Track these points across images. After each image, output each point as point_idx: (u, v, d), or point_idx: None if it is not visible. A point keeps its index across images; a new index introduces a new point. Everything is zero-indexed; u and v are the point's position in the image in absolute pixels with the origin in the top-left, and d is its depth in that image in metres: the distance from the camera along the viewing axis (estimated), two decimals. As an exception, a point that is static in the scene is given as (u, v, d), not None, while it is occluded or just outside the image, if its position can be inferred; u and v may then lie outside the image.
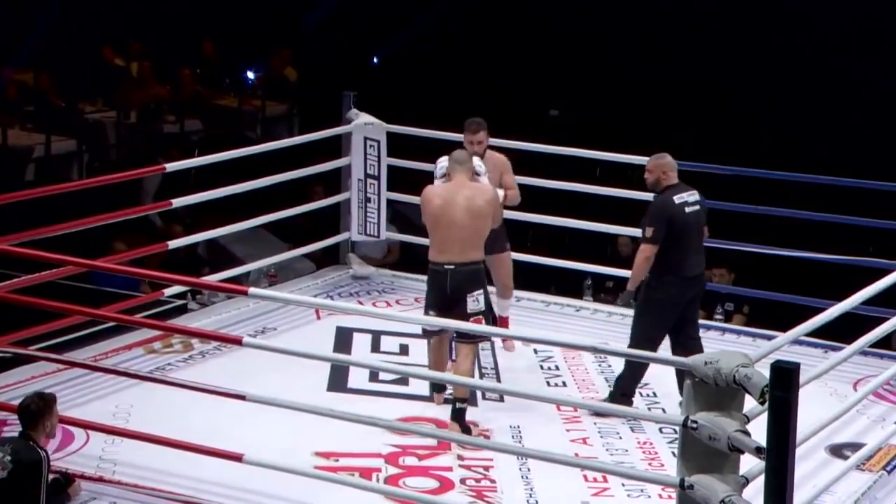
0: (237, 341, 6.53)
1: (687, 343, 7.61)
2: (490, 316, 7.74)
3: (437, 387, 7.81)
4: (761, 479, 5.46)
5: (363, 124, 9.69)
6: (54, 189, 8.15)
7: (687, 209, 7.66)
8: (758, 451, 5.21)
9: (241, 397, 6.45)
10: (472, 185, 7.62)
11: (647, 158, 9.16)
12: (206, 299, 9.53)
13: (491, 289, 8.30)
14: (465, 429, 7.37)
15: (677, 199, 7.66)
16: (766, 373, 5.26)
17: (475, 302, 7.49)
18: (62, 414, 6.42)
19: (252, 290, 6.76)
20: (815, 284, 9.25)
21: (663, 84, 14.02)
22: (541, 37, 14.75)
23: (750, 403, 5.47)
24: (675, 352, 7.58)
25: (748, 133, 13.13)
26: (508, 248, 8.67)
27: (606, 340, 8.36)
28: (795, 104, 13.42)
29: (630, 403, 7.56)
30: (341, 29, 15.75)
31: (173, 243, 8.84)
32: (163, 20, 14.99)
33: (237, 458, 6.41)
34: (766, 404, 5.18)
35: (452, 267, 7.48)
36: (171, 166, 8.41)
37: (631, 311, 7.91)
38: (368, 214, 9.79)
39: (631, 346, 7.59)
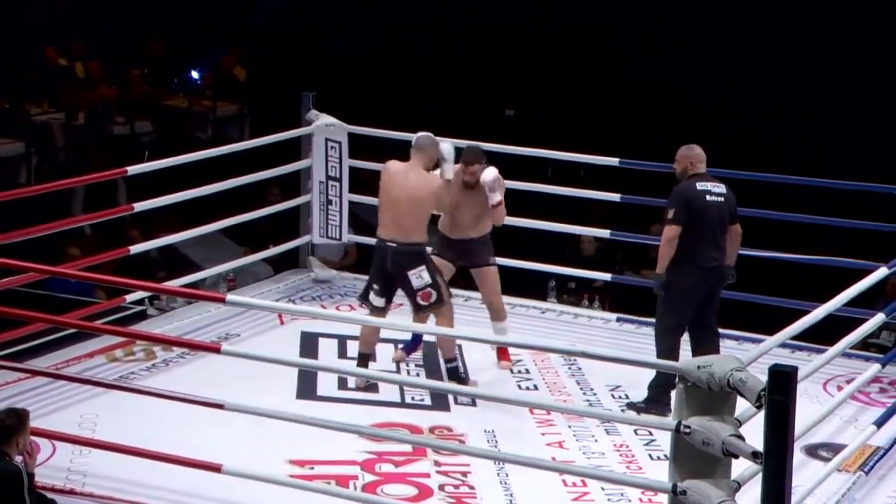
0: (216, 349, 6.39)
1: (712, 338, 7.67)
2: (439, 290, 7.77)
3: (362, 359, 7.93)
4: (751, 483, 5.44)
5: (324, 125, 9.54)
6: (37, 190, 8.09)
7: (708, 198, 7.59)
8: (754, 455, 5.16)
9: (220, 406, 6.31)
10: (420, 171, 7.79)
11: (613, 160, 9.27)
12: (165, 304, 9.37)
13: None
14: (462, 380, 7.79)
15: (700, 186, 7.61)
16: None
17: (418, 278, 7.71)
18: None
19: (230, 297, 6.63)
20: (780, 284, 9.27)
21: (624, 84, 13.95)
22: (497, 35, 14.64)
23: (741, 407, 5.43)
24: (694, 346, 7.68)
25: (706, 133, 13.08)
26: (492, 263, 8.25)
27: (574, 342, 8.33)
28: (755, 102, 13.45)
29: (669, 397, 7.16)
30: (289, 28, 15.57)
31: (135, 248, 8.65)
32: (106, 19, 14.74)
33: (216, 468, 6.28)
34: (762, 408, 5.13)
35: (395, 245, 7.71)
36: (132, 169, 8.23)
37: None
38: (330, 217, 9.65)
39: (655, 334, 7.71)
